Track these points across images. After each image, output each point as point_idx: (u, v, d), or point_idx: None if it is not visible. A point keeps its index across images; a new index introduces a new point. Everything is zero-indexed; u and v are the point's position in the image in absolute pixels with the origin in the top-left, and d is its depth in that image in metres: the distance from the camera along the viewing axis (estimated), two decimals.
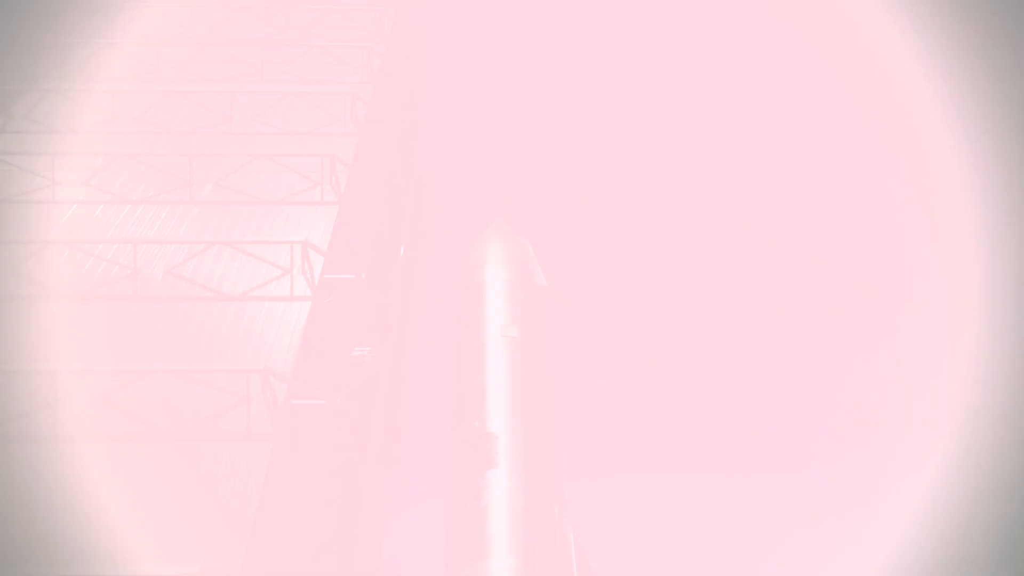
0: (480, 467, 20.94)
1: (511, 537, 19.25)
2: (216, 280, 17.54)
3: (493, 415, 22.06)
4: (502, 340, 24.14)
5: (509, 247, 27.92)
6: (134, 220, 19.72)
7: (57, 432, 13.39)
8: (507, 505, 19.85)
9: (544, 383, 24.12)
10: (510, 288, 25.99)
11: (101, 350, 15.49)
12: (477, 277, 26.71)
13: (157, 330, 16.07)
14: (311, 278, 17.65)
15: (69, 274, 17.49)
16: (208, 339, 15.92)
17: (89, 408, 13.97)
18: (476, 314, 25.30)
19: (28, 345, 15.50)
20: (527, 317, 25.38)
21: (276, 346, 15.80)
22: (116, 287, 17.20)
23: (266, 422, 13.91)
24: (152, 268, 17.79)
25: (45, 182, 20.75)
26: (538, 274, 27.38)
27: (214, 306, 16.79)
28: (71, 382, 14.31)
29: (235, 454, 13.31)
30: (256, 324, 16.39)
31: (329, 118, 24.56)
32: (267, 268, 17.88)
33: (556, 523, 20.17)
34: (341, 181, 21.29)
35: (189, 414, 14.02)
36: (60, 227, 19.20)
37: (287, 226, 19.70)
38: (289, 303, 16.99)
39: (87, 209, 20.00)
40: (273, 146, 23.07)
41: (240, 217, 20.00)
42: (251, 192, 20.92)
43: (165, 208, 20.20)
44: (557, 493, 21.03)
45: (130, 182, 21.14)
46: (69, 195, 20.52)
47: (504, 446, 21.15)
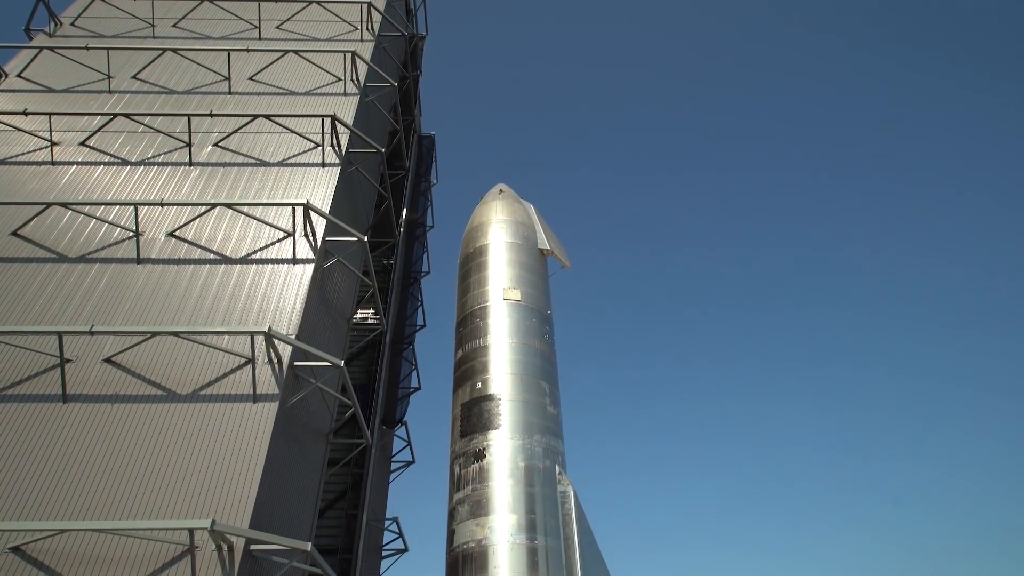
0: (483, 427, 21.25)
1: (513, 495, 19.67)
2: (218, 243, 17.52)
3: (495, 377, 22.27)
4: (505, 303, 24.21)
5: (512, 210, 27.75)
6: (134, 182, 19.57)
7: (66, 392, 13.63)
8: (509, 464, 20.23)
9: (546, 345, 24.29)
10: (513, 251, 25.94)
11: (106, 312, 15.60)
12: (480, 240, 26.62)
13: (161, 292, 16.13)
14: (313, 241, 17.61)
15: (71, 236, 17.48)
16: (212, 301, 16.00)
17: (97, 369, 14.17)
18: (479, 277, 25.30)
19: (34, 307, 15.60)
20: (530, 280, 25.39)
21: (280, 309, 15.89)
22: (119, 249, 17.19)
23: (271, 383, 14.11)
24: (154, 230, 17.75)
25: (42, 143, 20.54)
26: (541, 237, 27.26)
27: (217, 268, 16.82)
28: (78, 343, 14.48)
29: (242, 414, 13.55)
30: (259, 287, 16.43)
31: (329, 77, 24.11)
32: (269, 230, 17.83)
33: (557, 482, 20.58)
34: (342, 142, 21.03)
35: (196, 375, 14.22)
36: (60, 189, 19.08)
37: (288, 188, 19.55)
38: (292, 266, 17.00)
39: (86, 170, 19.84)
40: (272, 106, 22.71)
41: (241, 179, 19.83)
42: (251, 153, 20.69)
43: (165, 170, 20.03)
44: (558, 452, 21.40)
45: (129, 143, 20.91)
46: (67, 156, 20.34)
47: (506, 407, 21.42)
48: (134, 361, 14.35)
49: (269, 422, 13.37)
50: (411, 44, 33.68)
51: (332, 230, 18.39)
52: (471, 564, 18.92)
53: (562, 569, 18.90)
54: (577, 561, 19.10)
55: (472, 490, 20.21)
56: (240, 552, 11.26)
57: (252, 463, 12.65)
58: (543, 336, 24.39)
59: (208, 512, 11.77)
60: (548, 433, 21.64)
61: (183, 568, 10.98)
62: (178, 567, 11.01)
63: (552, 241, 27.77)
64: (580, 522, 19.87)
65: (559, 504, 20.17)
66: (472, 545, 19.14)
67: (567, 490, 20.42)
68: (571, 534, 19.58)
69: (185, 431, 13.17)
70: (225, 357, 14.48)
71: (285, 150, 20.90)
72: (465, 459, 21.05)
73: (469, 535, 19.39)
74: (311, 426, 16.32)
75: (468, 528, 19.60)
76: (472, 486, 20.30)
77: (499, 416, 21.33)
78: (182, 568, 10.99)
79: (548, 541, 19.10)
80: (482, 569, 18.63)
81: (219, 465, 12.59)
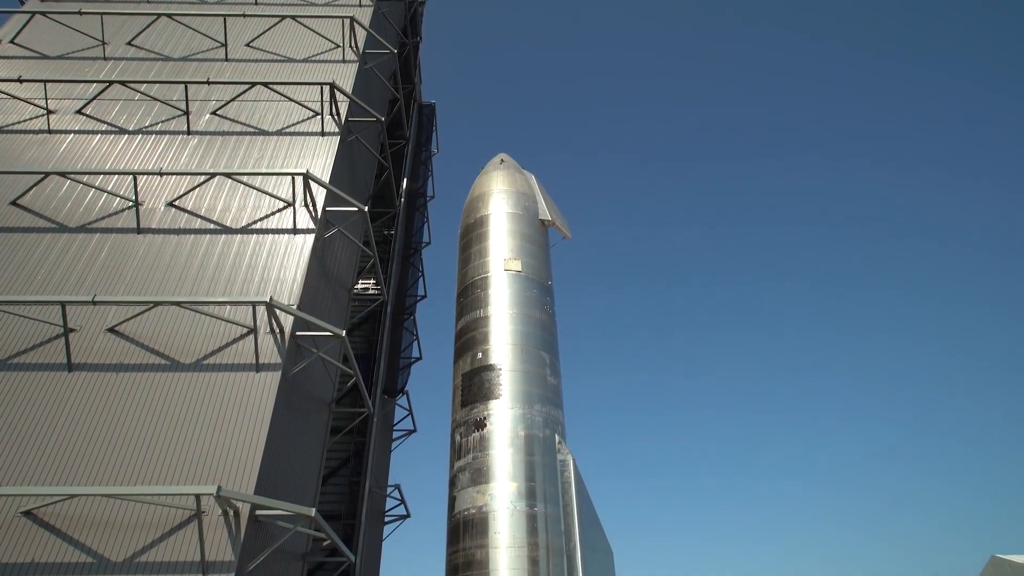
0: (483, 397, 21.46)
1: (513, 464, 19.97)
2: (218, 212, 17.45)
3: (496, 347, 22.41)
4: (505, 274, 24.22)
5: (514, 180, 27.55)
6: (132, 151, 19.41)
7: (71, 361, 13.74)
8: (509, 433, 20.49)
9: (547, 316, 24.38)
10: (514, 222, 25.83)
11: (108, 282, 15.64)
12: (481, 210, 26.49)
13: (162, 262, 16.14)
14: (313, 210, 17.54)
15: (71, 206, 17.41)
16: (213, 271, 16.02)
17: (101, 338, 14.27)
18: (480, 247, 25.26)
19: (36, 276, 15.64)
20: (531, 251, 25.35)
21: (281, 279, 15.91)
22: (119, 219, 17.15)
23: (274, 352, 14.21)
24: (153, 200, 17.67)
25: (38, 111, 20.31)
26: (542, 208, 27.12)
27: (217, 238, 16.79)
28: (82, 313, 14.56)
29: (245, 383, 13.68)
30: (260, 256, 16.43)
31: (327, 44, 23.69)
32: (269, 200, 17.75)
33: (557, 451, 20.87)
34: (342, 111, 20.77)
35: (198, 344, 14.33)
36: (58, 158, 18.94)
37: (288, 157, 19.39)
38: (292, 236, 16.97)
39: (84, 139, 19.66)
40: (270, 74, 22.37)
41: (240, 148, 19.65)
42: (250, 122, 20.46)
43: (163, 139, 19.84)
44: (558, 422, 21.66)
45: (126, 111, 20.67)
46: (64, 124, 20.13)
47: (506, 377, 21.60)
48: (137, 331, 14.44)
49: (272, 391, 13.52)
50: (411, 9, 32.96)
51: (332, 200, 18.30)
52: (472, 529, 19.31)
53: (561, 535, 19.31)
54: (576, 527, 19.50)
55: (473, 458, 20.51)
56: (246, 517, 11.50)
57: (256, 431, 12.83)
58: (544, 307, 24.44)
59: (213, 479, 11.99)
60: (548, 403, 21.86)
61: (190, 532, 11.23)
62: (185, 531, 11.26)
63: (553, 211, 27.64)
64: (579, 490, 20.22)
65: (558, 472, 20.50)
66: (473, 511, 19.52)
67: (566, 459, 20.73)
68: (570, 501, 19.95)
69: (189, 400, 13.32)
70: (227, 327, 14.56)
71: (284, 118, 20.66)
72: (466, 428, 21.31)
73: (470, 502, 19.76)
74: (313, 395, 16.50)
75: (469, 495, 19.95)
76: (473, 454, 20.59)
77: (499, 386, 21.52)
78: (189, 532, 11.24)
79: (547, 508, 19.47)
80: (483, 534, 19.03)
81: (223, 433, 12.77)
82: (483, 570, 18.58)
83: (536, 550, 18.67)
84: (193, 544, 11.10)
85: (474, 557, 18.90)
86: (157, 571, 10.87)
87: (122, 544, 11.13)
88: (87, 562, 10.92)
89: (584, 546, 19.36)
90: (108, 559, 10.96)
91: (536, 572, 18.31)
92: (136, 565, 10.91)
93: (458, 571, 19.23)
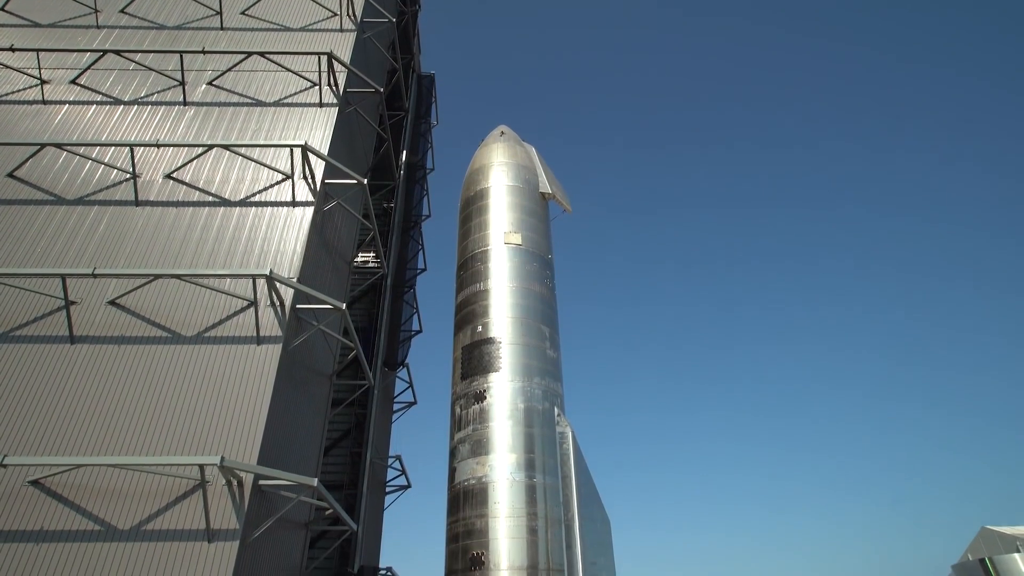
0: (483, 370, 21.61)
1: (513, 436, 20.20)
2: (216, 185, 17.34)
3: (496, 320, 22.49)
4: (505, 247, 24.17)
5: (514, 152, 27.29)
6: (128, 122, 19.20)
7: (73, 334, 13.80)
8: (509, 406, 20.69)
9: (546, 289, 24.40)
10: (514, 194, 25.68)
11: (108, 254, 15.62)
12: (481, 183, 26.31)
13: (161, 235, 16.10)
14: (312, 183, 17.42)
15: (68, 178, 17.29)
16: (213, 244, 15.98)
17: (102, 311, 14.31)
18: (480, 220, 25.15)
19: (36, 249, 15.61)
20: (531, 224, 25.25)
21: (281, 251, 15.88)
22: (116, 191, 17.04)
23: (274, 325, 14.27)
24: (151, 172, 17.54)
25: (32, 81, 20.03)
26: (543, 180, 26.93)
27: (216, 211, 16.71)
28: (82, 285, 14.57)
29: (246, 355, 13.76)
30: (259, 229, 16.38)
31: (325, 12, 23.25)
32: (268, 172, 17.62)
33: (556, 423, 21.09)
34: (340, 81, 20.47)
35: (199, 317, 14.37)
36: (53, 129, 18.74)
37: (286, 129, 19.18)
38: (291, 208, 16.88)
39: (79, 110, 19.43)
40: (267, 43, 22.00)
41: (237, 119, 19.43)
42: (246, 93, 20.19)
43: (159, 109, 19.61)
44: (557, 395, 21.85)
45: (120, 81, 20.38)
46: (58, 95, 19.87)
47: (506, 350, 21.72)
48: (138, 303, 14.47)
49: (273, 363, 13.61)
50: None
51: (331, 172, 18.16)
52: (472, 499, 19.63)
53: (560, 505, 19.64)
54: (574, 497, 19.82)
55: (473, 430, 20.74)
56: (249, 487, 11.69)
57: (258, 403, 12.95)
58: (544, 280, 24.45)
59: (217, 449, 12.15)
60: (547, 376, 22.02)
61: (195, 501, 11.42)
62: (190, 500, 11.45)
63: (554, 184, 27.45)
64: (577, 461, 20.50)
65: (557, 444, 20.76)
66: (473, 482, 19.81)
67: (565, 431, 20.97)
68: (568, 472, 20.24)
69: (191, 372, 13.41)
70: (228, 300, 14.59)
71: (281, 89, 20.38)
72: (466, 400, 21.50)
73: (470, 472, 20.04)
74: (314, 367, 16.61)
75: (469, 466, 20.23)
76: (473, 426, 20.82)
77: (499, 359, 21.65)
78: (194, 501, 11.43)
79: (546, 479, 19.76)
80: (483, 504, 19.35)
81: (226, 404, 12.89)
82: (483, 538, 18.94)
83: (535, 520, 19.01)
84: (198, 513, 11.30)
85: (474, 526, 19.25)
86: (163, 538, 11.08)
87: (128, 512, 11.33)
88: (95, 530, 11.13)
89: (582, 516, 19.70)
90: (115, 527, 11.17)
91: (535, 541, 18.67)
92: (143, 532, 11.13)
93: (458, 539, 19.60)
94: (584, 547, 19.22)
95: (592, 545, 19.74)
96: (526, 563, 18.46)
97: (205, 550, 10.95)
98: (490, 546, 18.80)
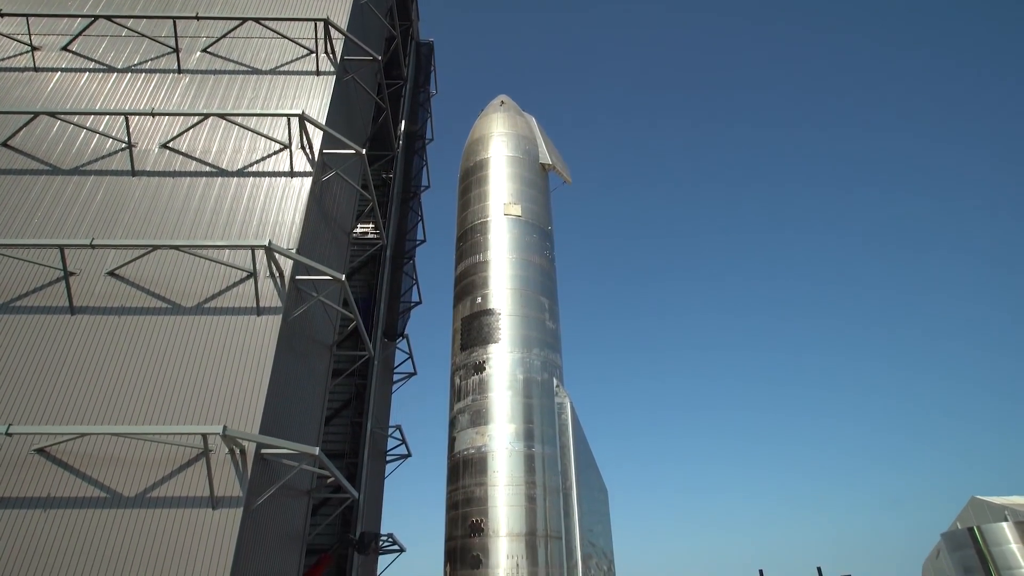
0: (482, 341, 21.72)
1: (512, 406, 20.40)
2: (213, 155, 17.17)
3: (495, 292, 22.52)
4: (505, 218, 24.05)
5: (514, 123, 26.97)
6: (122, 90, 18.91)
7: (73, 304, 13.82)
8: (508, 377, 20.85)
9: (546, 261, 24.37)
10: (514, 165, 25.46)
11: (105, 225, 15.54)
12: (481, 153, 26.05)
13: (159, 205, 16.00)
14: (310, 153, 17.25)
15: (63, 147, 17.11)
16: (211, 215, 15.90)
17: (102, 282, 14.31)
18: (479, 191, 24.99)
19: (33, 219, 15.52)
20: (531, 195, 25.09)
21: (279, 222, 15.81)
22: (112, 161, 16.88)
23: (274, 296, 14.29)
24: (147, 142, 17.35)
25: (22, 47, 19.66)
26: (543, 151, 26.67)
27: (213, 181, 16.58)
28: (81, 256, 14.53)
29: (247, 326, 13.81)
30: (257, 200, 16.27)
31: None
32: (265, 142, 17.43)
33: (555, 394, 21.28)
34: (336, 49, 20.11)
35: (199, 288, 14.38)
36: (46, 97, 18.46)
37: (283, 98, 18.91)
38: (289, 179, 16.75)
39: (71, 77, 19.12)
40: (262, 8, 21.54)
41: (232, 88, 19.14)
42: (242, 60, 19.84)
43: (153, 77, 19.29)
44: (556, 366, 22.00)
45: (113, 48, 20.01)
46: (50, 62, 19.53)
47: (506, 322, 21.79)
48: (137, 274, 14.45)
49: (273, 334, 13.66)
50: None
51: (329, 142, 17.97)
52: (471, 468, 19.92)
53: (558, 474, 19.94)
54: (572, 467, 20.11)
55: (472, 400, 20.94)
56: (252, 456, 11.84)
57: (259, 373, 13.04)
58: (543, 252, 24.41)
59: (219, 418, 12.27)
60: (547, 347, 22.13)
61: (199, 469, 11.59)
62: (194, 468, 11.61)
63: (554, 155, 27.20)
64: (576, 431, 20.74)
65: (556, 414, 20.98)
66: (472, 451, 20.08)
67: (564, 401, 21.17)
68: (567, 442, 20.50)
69: (192, 342, 13.47)
70: (227, 271, 14.57)
71: (277, 57, 20.03)
72: (465, 371, 21.66)
73: (469, 442, 20.30)
74: (315, 338, 16.68)
75: (468, 436, 20.48)
76: (472, 397, 21.02)
77: (499, 330, 21.75)
78: (198, 469, 11.59)
79: (545, 449, 20.03)
80: (482, 473, 19.64)
81: (227, 375, 12.98)
82: (482, 506, 19.27)
83: (533, 488, 19.32)
84: (202, 480, 11.48)
85: (473, 494, 19.57)
86: (169, 505, 11.28)
87: (134, 480, 11.51)
88: (101, 496, 11.31)
89: (580, 485, 20.02)
90: (121, 494, 11.35)
91: (533, 509, 19.00)
92: (148, 499, 11.32)
93: (458, 507, 19.94)
94: (582, 515, 19.57)
95: (590, 513, 20.10)
96: (524, 530, 18.82)
97: (210, 516, 11.15)
98: (489, 513, 19.14)
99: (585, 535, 19.37)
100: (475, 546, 18.98)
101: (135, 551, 10.78)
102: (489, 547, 18.74)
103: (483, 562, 18.63)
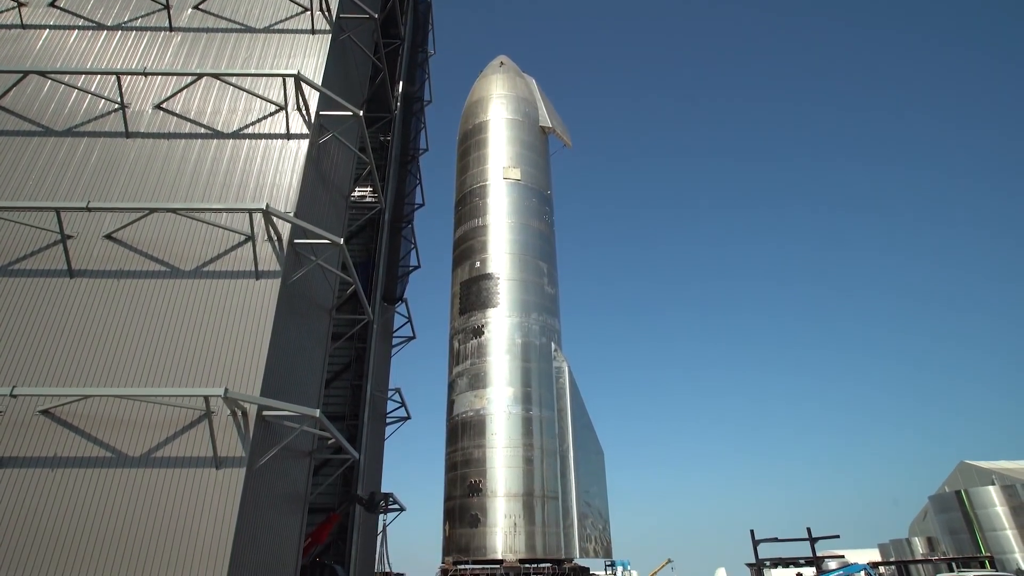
0: (481, 305, 21.78)
1: (510, 370, 20.58)
2: (208, 116, 16.89)
3: (494, 256, 22.47)
4: (504, 182, 23.84)
5: (514, 84, 26.46)
6: (112, 49, 18.48)
7: (71, 267, 13.80)
8: (507, 341, 20.97)
9: (545, 226, 24.23)
10: (514, 128, 25.08)
11: (101, 187, 15.39)
12: (480, 116, 25.65)
13: (154, 167, 15.82)
14: (307, 114, 16.98)
15: (54, 108, 16.81)
16: (207, 177, 15.73)
17: (99, 245, 14.25)
18: (478, 155, 24.70)
19: (28, 181, 15.36)
20: (530, 159, 24.80)
21: (276, 185, 15.66)
22: (105, 122, 16.61)
23: (273, 260, 14.25)
24: (140, 102, 17.04)
25: (8, 3, 19.13)
26: (543, 114, 26.26)
27: (209, 143, 16.35)
28: (77, 219, 14.43)
29: (246, 289, 13.82)
30: (254, 162, 16.08)
31: None
32: (260, 103, 17.13)
33: (553, 358, 21.46)
34: (332, 6, 19.60)
35: (197, 251, 14.33)
36: (35, 56, 18.06)
37: (278, 57, 18.50)
38: (286, 141, 16.52)
39: (60, 35, 18.66)
40: None
41: (226, 46, 18.71)
42: (235, 18, 19.35)
43: (144, 35, 18.83)
44: (554, 330, 22.12)
45: (102, 5, 19.48)
46: (38, 19, 19.03)
47: (504, 286, 21.82)
48: (135, 237, 14.38)
49: (273, 297, 13.68)
50: None
51: (326, 103, 17.66)
52: (470, 430, 20.22)
53: (555, 437, 20.25)
54: (569, 430, 20.42)
55: (471, 364, 21.11)
56: (253, 418, 12.00)
57: (259, 336, 13.11)
58: (542, 216, 24.27)
59: (221, 381, 12.39)
60: (545, 312, 22.22)
61: (202, 430, 11.76)
62: (197, 429, 11.78)
63: (554, 118, 26.81)
64: (573, 395, 21.00)
65: (554, 378, 21.20)
66: (471, 414, 20.34)
67: (562, 366, 21.38)
68: (564, 406, 20.78)
69: (192, 305, 13.50)
70: (225, 234, 14.50)
71: (271, 14, 19.52)
72: (464, 335, 21.78)
73: (468, 405, 20.55)
74: (314, 302, 16.71)
75: (467, 399, 20.72)
76: (471, 360, 21.18)
77: (497, 295, 21.80)
78: (201, 430, 11.76)
79: (542, 412, 20.29)
80: (480, 435, 19.95)
81: (228, 338, 13.05)
82: (481, 467, 19.63)
83: (531, 450, 19.64)
84: (205, 441, 11.66)
85: (472, 456, 19.91)
86: (173, 465, 11.48)
87: (138, 440, 11.69)
88: (106, 456, 11.50)
89: (577, 447, 20.36)
90: (125, 454, 11.54)
91: (530, 470, 19.36)
92: (153, 459, 11.51)
93: (457, 468, 20.30)
94: (578, 476, 19.96)
95: (586, 474, 20.51)
96: (522, 490, 19.21)
97: (213, 476, 11.36)
98: (488, 474, 19.51)
99: (581, 496, 19.80)
100: (474, 505, 19.39)
101: (141, 510, 11.02)
102: (487, 506, 19.15)
103: (482, 521, 19.07)
